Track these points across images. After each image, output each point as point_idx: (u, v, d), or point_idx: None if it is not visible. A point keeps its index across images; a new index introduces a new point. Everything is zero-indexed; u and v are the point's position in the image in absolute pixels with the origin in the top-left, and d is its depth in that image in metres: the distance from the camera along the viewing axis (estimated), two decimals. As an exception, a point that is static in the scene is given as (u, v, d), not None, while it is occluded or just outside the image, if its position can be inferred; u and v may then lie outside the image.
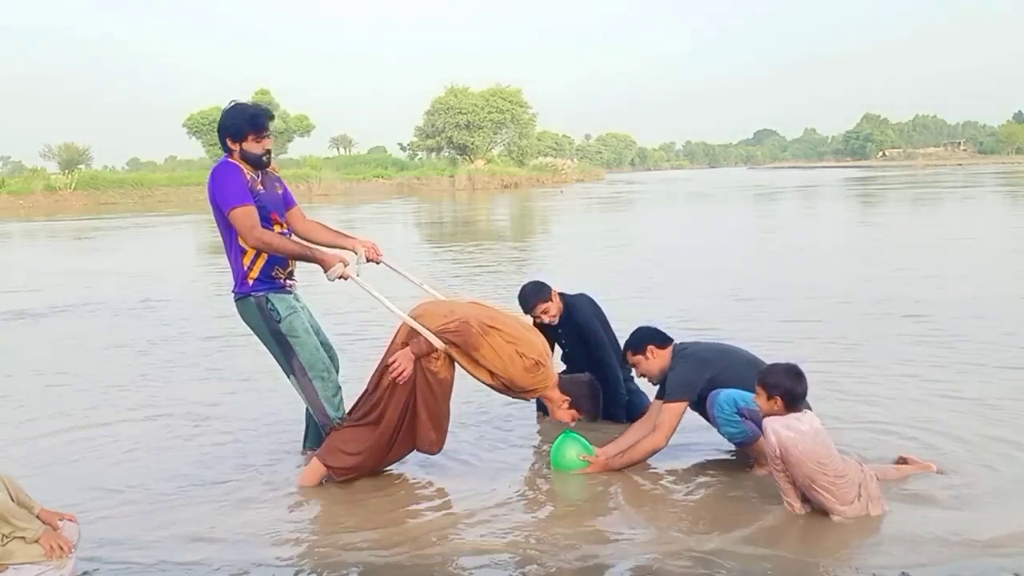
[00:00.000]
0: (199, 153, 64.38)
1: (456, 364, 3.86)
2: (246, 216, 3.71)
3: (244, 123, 3.79)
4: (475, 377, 3.87)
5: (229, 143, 3.82)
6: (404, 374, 3.74)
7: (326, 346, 4.10)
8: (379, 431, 3.85)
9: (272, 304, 3.84)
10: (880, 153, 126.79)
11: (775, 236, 16.55)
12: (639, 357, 4.16)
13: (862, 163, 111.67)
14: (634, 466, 4.03)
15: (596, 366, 4.55)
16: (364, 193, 47.98)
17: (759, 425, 3.72)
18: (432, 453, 4.00)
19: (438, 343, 3.75)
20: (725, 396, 3.79)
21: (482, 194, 45.49)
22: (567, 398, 3.96)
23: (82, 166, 54.13)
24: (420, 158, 65.46)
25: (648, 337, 4.17)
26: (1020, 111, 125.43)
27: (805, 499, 3.46)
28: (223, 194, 3.74)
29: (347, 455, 3.86)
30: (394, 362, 3.77)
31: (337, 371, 4.13)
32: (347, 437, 3.88)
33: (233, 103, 3.91)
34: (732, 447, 4.16)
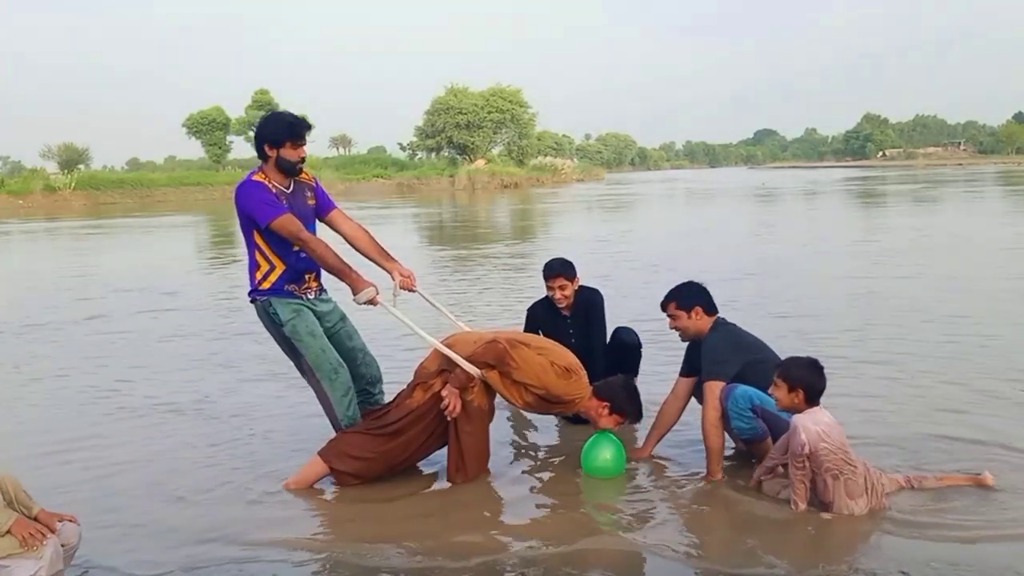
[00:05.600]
0: (199, 153, 64.35)
1: (493, 393, 3.86)
2: (289, 223, 3.79)
3: (283, 130, 3.88)
4: (510, 401, 3.86)
5: (267, 149, 3.89)
6: (456, 409, 3.75)
7: (358, 352, 4.12)
8: (392, 444, 3.84)
9: (274, 309, 3.91)
10: (880, 153, 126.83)
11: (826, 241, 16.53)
12: (682, 312, 4.08)
13: (863, 163, 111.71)
14: (647, 460, 4.16)
15: (589, 353, 4.55)
16: (364, 193, 47.97)
17: (770, 426, 3.77)
18: (458, 483, 3.93)
19: (473, 370, 3.75)
20: (742, 391, 3.79)
21: (482, 194, 45.49)
22: (606, 403, 3.94)
23: (81, 166, 54.11)
24: (420, 158, 65.37)
25: (699, 297, 4.10)
26: (1020, 111, 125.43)
27: (810, 500, 3.47)
28: (257, 210, 3.80)
29: (351, 459, 3.84)
30: (445, 400, 3.75)
31: (377, 381, 4.19)
32: (355, 441, 3.87)
33: (271, 111, 4.05)
34: (732, 447, 4.16)
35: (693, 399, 4.23)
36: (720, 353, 3.93)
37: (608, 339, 4.88)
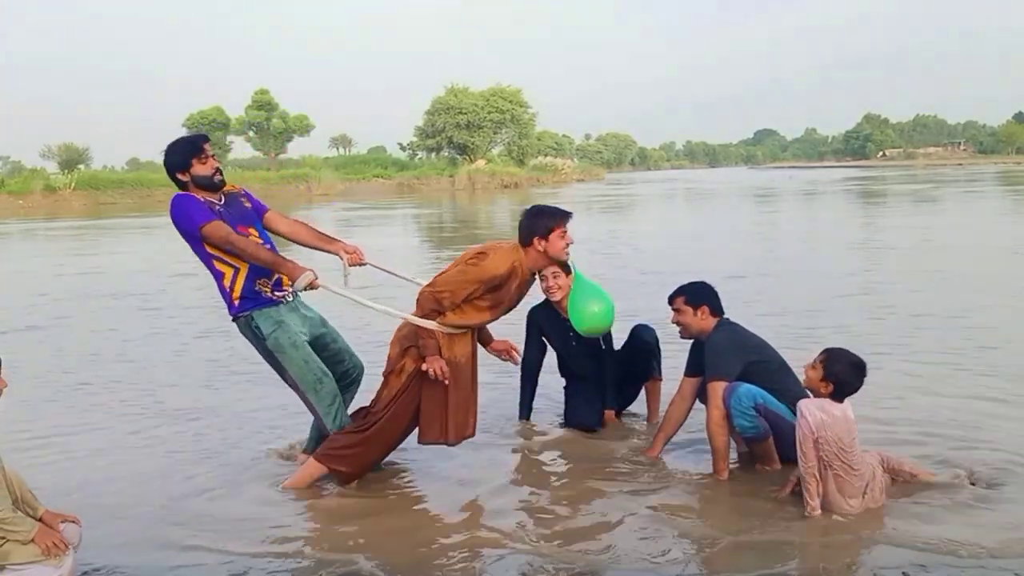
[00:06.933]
0: (199, 153, 64.23)
1: (465, 343, 3.87)
2: (217, 228, 3.76)
3: (184, 150, 3.88)
4: (476, 325, 3.88)
5: (180, 176, 3.89)
6: (444, 370, 3.74)
7: (344, 354, 4.12)
8: (384, 428, 3.87)
9: (256, 323, 3.86)
10: (880, 153, 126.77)
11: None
12: (690, 308, 4.10)
13: (863, 163, 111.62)
14: (652, 456, 4.21)
15: (596, 348, 4.54)
16: (364, 193, 47.94)
17: (772, 426, 3.79)
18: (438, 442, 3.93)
19: (429, 323, 3.76)
20: (746, 390, 3.80)
21: (482, 194, 45.47)
22: (538, 239, 3.88)
23: (81, 166, 54.09)
24: (420, 158, 65.35)
25: (708, 298, 4.11)
26: (1020, 111, 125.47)
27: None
28: (187, 219, 3.78)
29: (348, 451, 3.87)
30: (430, 369, 3.74)
31: (357, 379, 4.20)
32: (347, 440, 3.90)
33: (171, 141, 4.00)
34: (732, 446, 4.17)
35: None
36: (723, 353, 3.94)
37: (626, 339, 4.85)
